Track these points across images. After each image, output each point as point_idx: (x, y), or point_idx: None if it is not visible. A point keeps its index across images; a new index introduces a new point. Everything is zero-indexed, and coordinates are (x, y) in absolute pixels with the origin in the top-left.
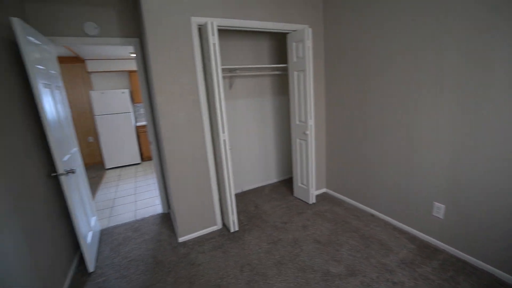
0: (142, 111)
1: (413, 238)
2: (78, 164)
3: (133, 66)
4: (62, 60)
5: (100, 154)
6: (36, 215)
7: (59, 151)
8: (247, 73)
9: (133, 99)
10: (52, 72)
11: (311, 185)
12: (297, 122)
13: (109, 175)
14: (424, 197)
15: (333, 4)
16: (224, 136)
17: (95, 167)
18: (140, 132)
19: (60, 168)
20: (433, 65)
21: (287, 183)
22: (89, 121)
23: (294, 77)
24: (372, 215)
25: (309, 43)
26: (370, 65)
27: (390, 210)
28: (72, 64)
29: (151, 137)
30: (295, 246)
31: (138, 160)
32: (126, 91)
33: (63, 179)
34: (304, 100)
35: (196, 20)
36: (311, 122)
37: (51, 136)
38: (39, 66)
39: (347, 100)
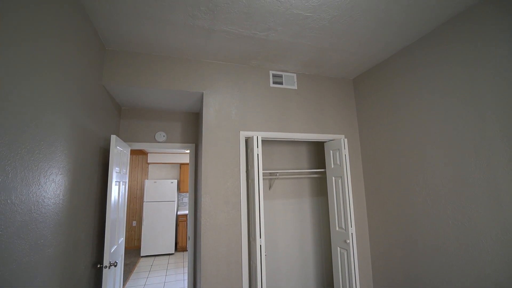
0: (185, 200)
1: None
2: (121, 255)
3: (184, 159)
4: (131, 152)
5: (139, 239)
6: None
7: (111, 241)
8: (286, 176)
9: (179, 188)
10: (124, 171)
11: None
12: (337, 229)
13: (142, 263)
14: None
15: (367, 115)
16: (260, 241)
17: (132, 252)
18: (180, 221)
19: (107, 260)
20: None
21: None
22: (137, 206)
23: (332, 182)
24: None
25: (345, 152)
26: (408, 167)
27: None
28: (137, 155)
29: (190, 231)
30: None
31: (172, 250)
32: (175, 181)
33: (105, 271)
34: (344, 207)
35: (244, 134)
36: (352, 230)
37: (108, 229)
38: (116, 168)
39: (389, 204)
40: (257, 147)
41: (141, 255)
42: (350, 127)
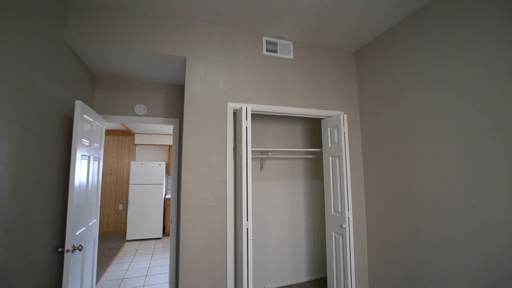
0: None
1: None
2: (93, 238)
3: None
4: (115, 133)
5: (125, 223)
6: None
7: (74, 223)
8: (279, 156)
9: (168, 171)
10: (96, 145)
11: None
12: (332, 213)
13: (127, 247)
14: None
15: (369, 91)
16: (247, 224)
17: (117, 236)
18: (168, 204)
19: (69, 243)
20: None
21: (320, 284)
22: (124, 189)
23: (329, 162)
24: None
25: (344, 129)
26: (414, 153)
27: None
28: (123, 136)
29: (172, 214)
30: None
31: (160, 235)
32: (163, 163)
33: (67, 256)
34: (341, 189)
35: (232, 105)
36: (348, 214)
37: (71, 208)
38: (84, 141)
39: (391, 187)
40: (246, 119)
41: (127, 239)
42: (350, 103)
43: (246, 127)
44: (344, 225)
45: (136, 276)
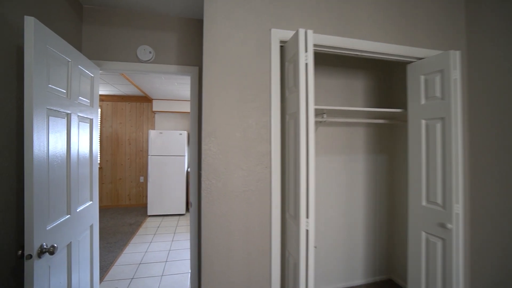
0: None
1: None
2: (86, 228)
3: None
4: (132, 99)
5: (147, 197)
6: None
7: (40, 212)
8: (334, 119)
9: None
10: (83, 100)
11: None
12: (424, 204)
13: (148, 224)
14: None
15: (489, 20)
16: (307, 223)
17: (139, 210)
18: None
19: (30, 244)
20: None
21: None
22: (144, 160)
23: (420, 129)
24: None
25: (456, 75)
26: None
27: None
28: (140, 103)
29: (192, 196)
30: None
31: (183, 211)
32: (184, 132)
33: (28, 265)
34: (445, 169)
35: (278, 34)
36: (457, 208)
37: (29, 189)
38: (53, 87)
39: None
40: (306, 51)
41: (148, 214)
42: (453, 40)
43: (306, 64)
44: (450, 225)
45: (154, 262)
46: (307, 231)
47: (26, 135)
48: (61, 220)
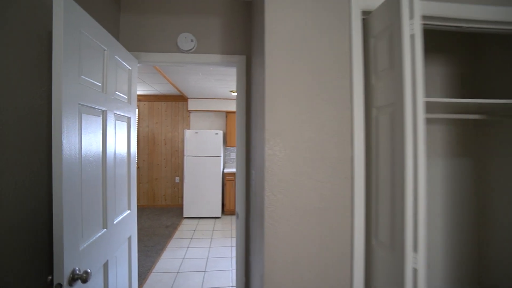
0: (232, 155)
1: None
2: (123, 241)
3: (231, 105)
4: (168, 98)
5: (182, 197)
6: None
7: (72, 230)
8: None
9: (226, 142)
10: (120, 95)
11: None
12: None
13: (184, 227)
14: None
15: None
16: (415, 259)
17: (174, 211)
18: (226, 180)
19: (59, 271)
20: None
21: None
22: (179, 160)
23: None
24: None
25: None
26: None
27: None
28: (176, 102)
29: (239, 205)
30: None
31: (219, 213)
32: (220, 132)
33: None
34: None
35: (359, 3)
36: None
37: (58, 200)
38: (86, 78)
39: None
40: (411, 17)
41: (184, 215)
42: None
43: (413, 36)
44: None
45: (193, 271)
46: (415, 270)
47: (54, 135)
48: (97, 236)
